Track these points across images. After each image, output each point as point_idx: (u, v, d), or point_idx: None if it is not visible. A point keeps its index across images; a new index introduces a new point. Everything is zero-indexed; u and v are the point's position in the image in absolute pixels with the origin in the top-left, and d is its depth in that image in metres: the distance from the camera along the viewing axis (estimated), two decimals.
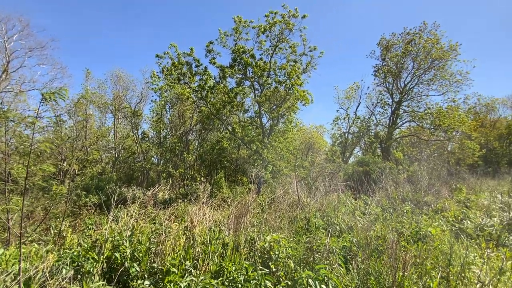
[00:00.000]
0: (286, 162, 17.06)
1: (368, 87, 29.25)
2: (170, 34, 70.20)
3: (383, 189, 10.84)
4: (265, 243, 4.39)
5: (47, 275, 3.26)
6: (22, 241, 3.55)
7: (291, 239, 4.93)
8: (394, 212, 7.88)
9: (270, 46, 15.66)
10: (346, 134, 27.39)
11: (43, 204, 8.75)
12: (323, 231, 5.63)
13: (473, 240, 6.14)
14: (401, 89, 23.42)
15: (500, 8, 71.53)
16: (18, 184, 6.74)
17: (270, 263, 4.02)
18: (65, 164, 12.01)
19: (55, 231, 6.37)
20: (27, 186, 7.97)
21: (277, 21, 14.85)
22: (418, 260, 4.17)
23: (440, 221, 7.41)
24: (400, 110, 23.42)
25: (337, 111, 28.08)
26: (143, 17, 72.68)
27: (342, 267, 4.07)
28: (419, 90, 22.85)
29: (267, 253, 4.27)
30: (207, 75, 15.63)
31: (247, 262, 3.96)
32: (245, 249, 4.54)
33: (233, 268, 3.73)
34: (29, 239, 5.87)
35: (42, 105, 3.49)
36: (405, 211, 8.04)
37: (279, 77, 16.08)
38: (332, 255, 4.25)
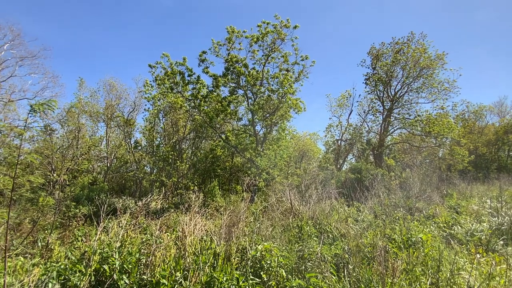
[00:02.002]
0: (279, 170, 17.09)
1: (359, 95, 30.04)
2: (163, 44, 70.62)
3: (376, 196, 10.93)
4: (257, 253, 4.37)
5: None
6: (7, 254, 3.47)
7: (283, 248, 4.92)
8: (386, 219, 7.94)
9: (262, 56, 15.90)
10: (339, 141, 27.66)
11: (31, 216, 8.55)
12: (316, 239, 5.63)
13: (463, 246, 6.22)
14: (391, 97, 23.90)
15: (480, 20, 74.35)
16: (4, 196, 6.61)
17: (261, 273, 4.00)
18: (54, 175, 11.81)
19: (42, 243, 6.22)
20: (14, 197, 7.80)
21: (269, 31, 15.14)
22: (408, 267, 4.20)
23: (431, 227, 7.49)
24: (391, 117, 23.84)
25: (330, 118, 28.50)
26: (135, 27, 73.12)
27: (334, 275, 4.07)
28: (409, 98, 23.37)
29: (259, 262, 4.25)
30: (200, 84, 15.72)
31: (238, 272, 3.93)
32: (237, 259, 4.50)
33: (224, 279, 3.70)
34: (15, 252, 5.71)
35: (31, 116, 3.48)
36: (397, 217, 8.11)
37: (272, 85, 16.28)
38: (324, 263, 4.25)
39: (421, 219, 8.35)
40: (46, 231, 7.31)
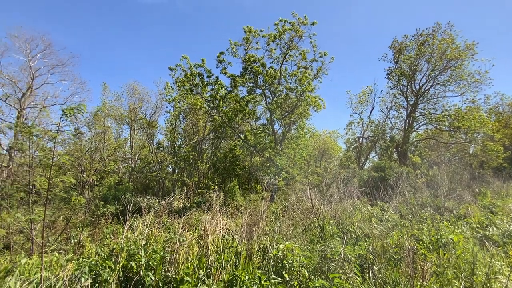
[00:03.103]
0: (299, 169, 16.92)
1: (381, 90, 28.78)
2: (182, 46, 72.26)
3: (401, 195, 10.50)
4: (278, 252, 4.34)
5: (67, 283, 3.37)
6: (44, 250, 3.71)
7: (305, 248, 4.85)
8: (413, 219, 7.61)
9: (280, 54, 15.81)
10: (361, 139, 26.90)
11: (64, 214, 9.08)
12: (338, 239, 5.51)
13: (499, 248, 5.81)
14: (416, 92, 22.84)
15: None
16: (41, 196, 7.06)
17: (283, 272, 3.97)
18: (84, 175, 12.46)
19: (75, 240, 6.59)
20: (49, 197, 8.32)
21: (286, 29, 15.01)
22: (439, 269, 3.99)
23: (463, 227, 7.07)
24: (416, 112, 22.79)
25: (351, 115, 27.76)
26: (154, 32, 75.40)
27: (358, 276, 3.96)
28: (435, 92, 22.20)
29: (281, 262, 4.23)
30: (219, 84, 15.92)
31: (260, 271, 3.93)
32: (258, 257, 4.51)
33: (246, 277, 3.71)
34: (51, 248, 6.09)
35: (63, 120, 3.70)
36: (424, 217, 7.74)
37: (290, 84, 16.15)
38: (347, 264, 4.14)
39: (451, 219, 7.91)
40: (78, 229, 7.73)
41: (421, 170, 19.02)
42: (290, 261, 4.09)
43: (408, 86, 23.16)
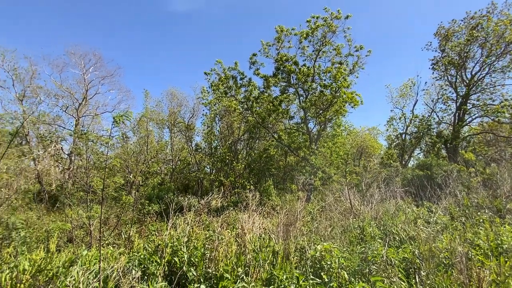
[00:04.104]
0: (336, 168, 16.40)
1: (425, 82, 26.56)
2: (216, 50, 74.54)
3: (451, 195, 9.60)
4: (316, 253, 4.28)
5: (121, 274, 3.71)
6: (100, 244, 4.12)
7: (344, 249, 4.71)
8: (466, 222, 6.91)
9: (313, 51, 15.51)
10: (403, 135, 25.16)
11: (115, 212, 9.97)
12: (380, 241, 5.23)
13: None
14: (467, 81, 20.66)
15: None
16: (96, 195, 7.83)
17: (322, 273, 3.90)
18: (131, 176, 13.53)
19: (125, 236, 7.21)
20: (103, 196, 9.21)
21: (319, 25, 14.67)
22: (499, 278, 3.58)
23: None
24: (468, 104, 20.61)
25: (391, 111, 26.03)
26: (189, 38, 78.84)
27: (403, 281, 3.73)
28: (491, 80, 19.85)
29: (319, 262, 4.16)
30: (252, 86, 16.13)
31: (298, 271, 3.91)
32: (295, 258, 4.49)
33: (284, 277, 3.72)
34: (106, 242, 6.72)
35: (114, 127, 4.08)
36: (481, 220, 6.98)
37: (324, 81, 15.75)
38: (391, 267, 3.92)
39: None
40: (127, 226, 8.43)
41: (475, 167, 17.18)
42: (329, 262, 4.00)
43: (458, 76, 21.06)
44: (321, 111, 16.50)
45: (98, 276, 3.48)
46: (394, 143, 26.03)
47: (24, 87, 17.12)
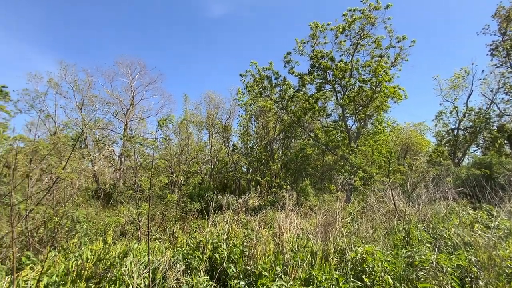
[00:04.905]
0: (378, 167, 15.51)
1: (482, 71, 23.42)
2: (251, 52, 75.50)
3: None
4: (357, 255, 4.12)
5: (167, 267, 3.99)
6: (149, 238, 4.48)
7: (388, 252, 4.45)
8: None
9: (350, 45, 14.89)
10: (456, 131, 22.84)
11: (160, 209, 10.68)
12: (429, 245, 4.84)
13: None
14: None
15: None
16: (144, 193, 8.48)
17: (363, 276, 3.75)
18: (174, 176, 14.37)
19: (169, 232, 7.69)
20: (150, 194, 9.93)
21: (356, 18, 14.04)
22: None
23: None
24: None
25: (440, 104, 23.71)
26: (224, 41, 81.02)
27: None
28: None
29: (360, 265, 4.00)
30: (287, 85, 16.04)
31: (338, 273, 3.82)
32: (335, 259, 4.38)
33: (323, 278, 3.66)
34: (153, 237, 7.26)
35: (158, 130, 4.41)
36: None
37: (363, 75, 15.02)
38: (442, 275, 3.61)
39: None
40: (171, 222, 8.99)
41: None
42: (371, 266, 3.83)
43: None
44: (360, 108, 15.75)
45: (148, 267, 3.79)
46: (445, 140, 23.76)
47: (82, 96, 19.27)
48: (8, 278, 3.32)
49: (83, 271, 3.87)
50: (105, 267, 4.11)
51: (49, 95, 19.13)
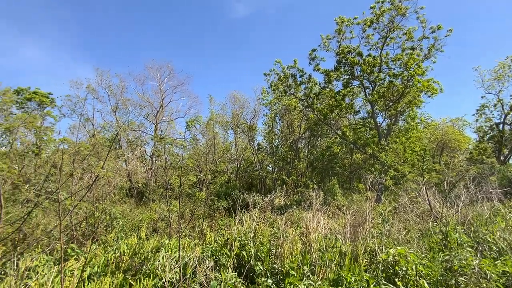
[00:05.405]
0: (411, 166, 14.70)
1: None
2: (275, 50, 75.26)
3: None
4: (389, 257, 3.95)
5: (196, 263, 4.13)
6: (178, 235, 4.66)
7: (423, 256, 4.22)
8: None
9: (379, 39, 14.29)
10: (501, 126, 20.92)
11: (189, 207, 11.07)
12: (470, 250, 4.50)
13: None
14: None
15: None
16: (174, 191, 8.84)
17: (396, 280, 3.59)
18: (201, 175, 14.79)
19: (198, 229, 7.94)
20: (180, 192, 10.35)
21: (385, 10, 13.42)
22: None
23: None
24: None
25: (482, 97, 21.84)
26: (249, 41, 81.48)
27: None
28: None
29: (392, 267, 3.83)
30: (312, 82, 15.76)
31: (368, 275, 3.69)
32: (365, 260, 4.24)
33: (353, 279, 3.57)
34: (183, 234, 7.54)
35: (187, 131, 4.57)
36: None
37: (394, 70, 14.31)
38: (486, 282, 3.35)
39: None
40: (200, 220, 9.27)
41: None
42: (404, 269, 3.65)
43: None
44: (391, 104, 15.03)
45: (179, 263, 3.95)
46: (488, 135, 21.87)
47: (116, 100, 20.51)
48: (56, 267, 3.66)
49: (121, 264, 4.14)
50: (140, 261, 4.36)
51: (87, 100, 20.64)
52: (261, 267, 4.32)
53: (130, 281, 3.76)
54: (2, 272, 3.35)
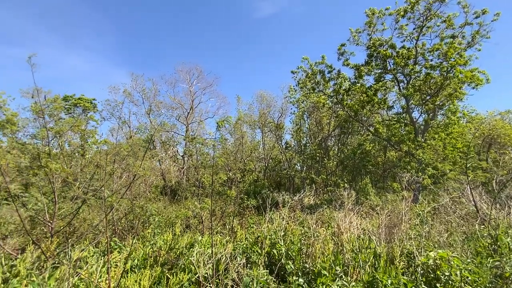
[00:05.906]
0: (452, 164, 13.64)
1: None
2: (303, 47, 74.03)
3: None
4: (429, 260, 3.72)
5: (229, 259, 4.24)
6: (211, 232, 4.83)
7: (469, 261, 3.91)
8: None
9: (414, 29, 13.45)
10: None
11: (220, 205, 11.35)
12: None
13: None
14: None
15: None
16: (205, 189, 9.13)
17: (437, 285, 3.37)
18: (231, 173, 15.07)
19: (229, 226, 8.12)
20: (212, 190, 10.64)
21: None
22: None
23: None
24: None
25: None
26: (274, 40, 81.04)
27: None
28: None
29: (432, 272, 3.60)
30: (341, 78, 15.30)
31: (406, 278, 3.52)
32: (402, 263, 4.04)
33: (389, 282, 3.42)
34: (215, 231, 7.76)
35: (216, 131, 4.71)
36: None
37: (431, 61, 13.37)
38: None
39: None
40: (230, 217, 9.46)
41: None
42: (447, 273, 3.41)
43: None
44: (428, 97, 14.06)
45: (212, 259, 4.09)
46: None
47: (150, 103, 21.67)
48: (102, 259, 3.99)
49: (158, 258, 4.39)
50: (175, 256, 4.58)
51: (124, 104, 22.05)
52: (292, 266, 4.31)
53: (167, 274, 3.97)
54: (58, 262, 3.74)
